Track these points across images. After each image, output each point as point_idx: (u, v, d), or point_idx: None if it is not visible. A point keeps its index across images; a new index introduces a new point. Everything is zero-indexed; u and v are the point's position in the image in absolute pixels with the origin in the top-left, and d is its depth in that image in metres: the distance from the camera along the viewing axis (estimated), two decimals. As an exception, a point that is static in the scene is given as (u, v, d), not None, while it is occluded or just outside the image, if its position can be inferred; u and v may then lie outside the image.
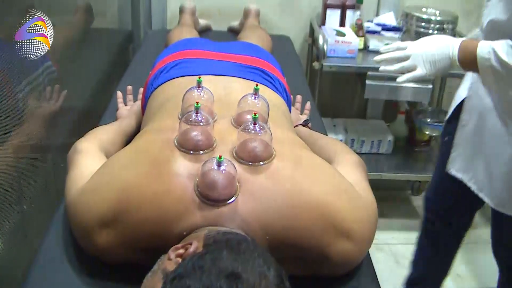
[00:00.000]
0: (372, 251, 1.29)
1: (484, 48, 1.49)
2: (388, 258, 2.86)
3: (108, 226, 1.12)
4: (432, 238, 2.19)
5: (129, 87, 1.93)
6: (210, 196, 1.09)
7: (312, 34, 3.09)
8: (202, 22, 2.94)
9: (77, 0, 2.42)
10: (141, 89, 1.82)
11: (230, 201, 1.09)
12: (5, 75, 1.58)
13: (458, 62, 1.56)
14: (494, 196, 1.74)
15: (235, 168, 1.10)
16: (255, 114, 1.16)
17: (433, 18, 2.75)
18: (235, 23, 2.97)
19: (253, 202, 1.11)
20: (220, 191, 1.08)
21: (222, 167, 1.07)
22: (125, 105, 1.89)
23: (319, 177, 1.19)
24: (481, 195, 1.78)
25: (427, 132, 3.07)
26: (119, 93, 1.93)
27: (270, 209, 1.10)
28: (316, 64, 2.71)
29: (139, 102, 1.79)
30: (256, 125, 1.16)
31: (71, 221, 1.22)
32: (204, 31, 2.95)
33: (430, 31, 2.76)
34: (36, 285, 1.19)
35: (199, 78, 1.34)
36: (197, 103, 1.19)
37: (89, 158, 1.36)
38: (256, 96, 1.30)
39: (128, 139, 1.56)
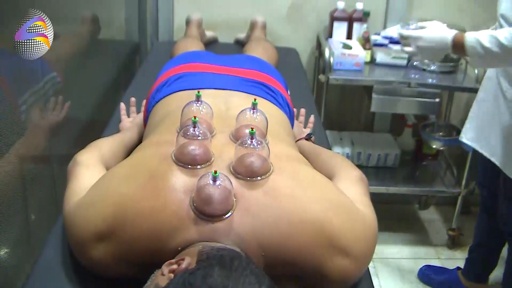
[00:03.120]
0: (378, 265, 1.28)
1: (471, 39, 1.83)
2: (393, 273, 2.83)
3: (104, 241, 1.12)
4: (483, 206, 2.52)
5: (133, 99, 1.93)
6: (205, 211, 1.08)
7: (319, 47, 3.08)
8: (209, 34, 2.95)
9: (83, 11, 2.43)
10: (144, 101, 1.82)
11: (225, 216, 1.09)
12: (9, 85, 1.59)
13: (451, 51, 1.94)
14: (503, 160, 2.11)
15: (231, 183, 1.10)
16: (252, 129, 1.16)
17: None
18: (242, 35, 2.97)
19: (249, 218, 1.10)
20: (215, 206, 1.07)
21: (217, 182, 1.07)
22: (128, 117, 1.89)
23: (316, 193, 1.18)
24: (492, 159, 2.15)
25: (434, 146, 3.05)
26: (122, 105, 1.93)
27: (266, 225, 1.09)
28: (322, 77, 2.70)
29: (141, 114, 1.79)
30: (253, 140, 1.15)
31: (67, 234, 1.22)
32: (211, 43, 2.95)
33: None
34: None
35: (198, 92, 1.34)
36: (195, 117, 1.19)
37: (88, 170, 1.35)
38: (254, 110, 1.30)
39: (130, 152, 1.55)
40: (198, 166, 1.17)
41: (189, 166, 1.16)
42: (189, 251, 1.04)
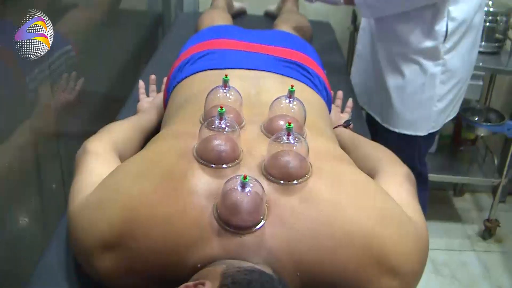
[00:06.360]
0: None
1: None
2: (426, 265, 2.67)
3: (111, 250, 0.95)
4: None
5: (152, 77, 1.76)
6: (231, 221, 0.90)
7: (355, 21, 2.88)
8: (237, 5, 2.77)
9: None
10: (165, 79, 1.64)
11: (255, 228, 0.91)
12: (15, 60, 1.45)
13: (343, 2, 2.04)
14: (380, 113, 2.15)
15: (263, 189, 0.91)
16: (289, 123, 0.97)
17: (485, 9, 2.51)
18: (272, 7, 2.78)
19: (283, 230, 0.92)
20: (243, 216, 0.89)
21: (247, 189, 0.89)
22: (148, 96, 1.72)
23: (363, 200, 1.00)
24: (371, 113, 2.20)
25: (480, 134, 2.88)
26: (141, 83, 1.77)
27: (303, 239, 0.92)
28: (357, 54, 2.51)
29: (162, 94, 1.62)
30: (290, 137, 0.97)
31: (70, 238, 1.06)
32: (239, 15, 2.77)
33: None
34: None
35: (226, 76, 1.15)
36: (221, 107, 1.00)
37: (99, 161, 1.18)
38: (291, 98, 1.11)
39: (147, 136, 1.40)
40: (224, 165, 0.99)
41: (213, 165, 0.99)
42: (210, 272, 0.86)
